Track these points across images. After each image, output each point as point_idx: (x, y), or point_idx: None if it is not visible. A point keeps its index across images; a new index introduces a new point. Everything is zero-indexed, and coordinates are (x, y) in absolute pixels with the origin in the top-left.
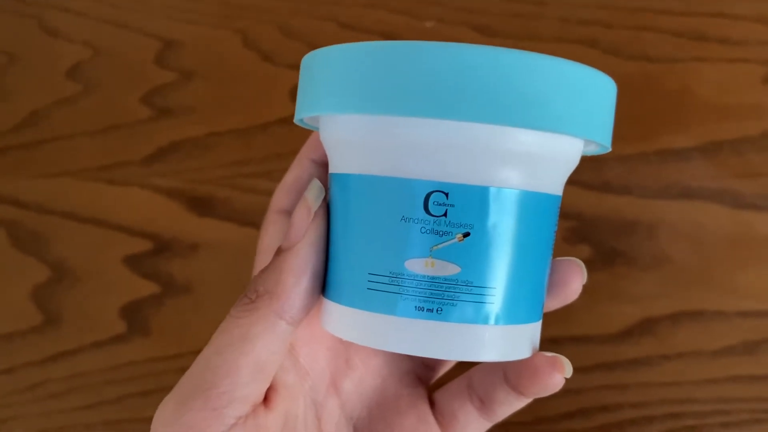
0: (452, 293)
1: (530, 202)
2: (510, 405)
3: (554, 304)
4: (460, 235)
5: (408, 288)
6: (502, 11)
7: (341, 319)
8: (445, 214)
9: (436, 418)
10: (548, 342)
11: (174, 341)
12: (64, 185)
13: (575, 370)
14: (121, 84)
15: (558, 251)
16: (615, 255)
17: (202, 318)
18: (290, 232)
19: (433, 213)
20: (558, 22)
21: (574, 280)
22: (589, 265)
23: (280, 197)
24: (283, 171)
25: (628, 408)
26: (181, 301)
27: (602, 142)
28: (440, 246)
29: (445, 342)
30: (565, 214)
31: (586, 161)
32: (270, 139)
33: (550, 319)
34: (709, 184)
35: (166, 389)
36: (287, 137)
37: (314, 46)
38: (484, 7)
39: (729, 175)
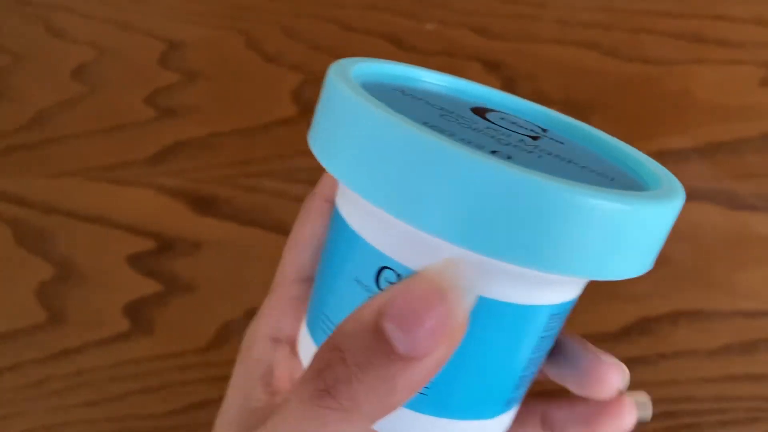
0: None
1: (493, 311)
2: None
3: (585, 394)
4: None
5: None
6: (503, 13)
7: (302, 344)
8: None
9: None
10: None
11: (177, 339)
12: (69, 185)
13: None
14: (126, 85)
15: None
16: None
17: (204, 316)
18: (419, 337)
19: (381, 288)
20: (558, 24)
21: (610, 383)
22: None
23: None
24: (286, 171)
25: None
26: (184, 300)
27: (632, 276)
28: None
29: None
30: None
31: None
32: (272, 139)
33: None
34: (707, 185)
35: (169, 386)
36: (289, 137)
37: (317, 47)
38: (484, 9)
39: (727, 176)
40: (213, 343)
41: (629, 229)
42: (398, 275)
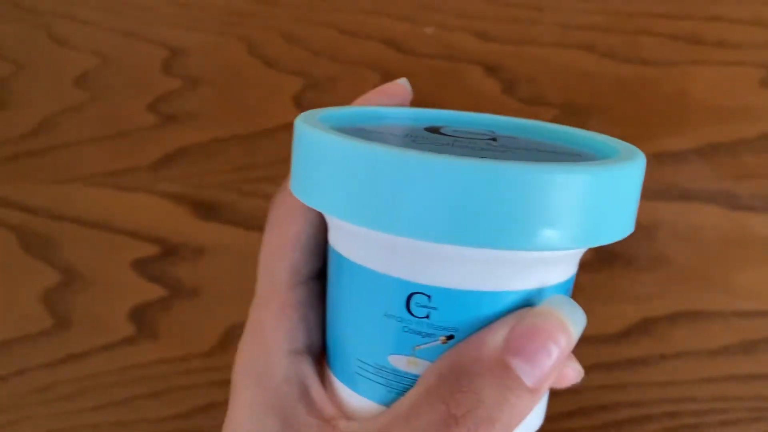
0: None
1: (522, 299)
2: None
3: None
4: (443, 337)
5: (392, 382)
6: (501, 17)
7: (337, 391)
8: (427, 317)
9: None
10: None
11: (181, 344)
12: (73, 191)
13: None
14: (128, 91)
15: None
16: (614, 256)
17: (208, 321)
18: (545, 369)
19: (415, 314)
20: (556, 27)
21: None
22: (588, 266)
23: None
24: (288, 176)
25: (627, 407)
26: (188, 305)
27: (618, 239)
28: (423, 347)
29: None
30: None
31: None
32: (274, 144)
33: None
34: (707, 186)
35: (174, 391)
36: (291, 142)
37: (317, 52)
38: (483, 12)
39: (726, 177)
40: (217, 347)
41: (605, 194)
42: (428, 296)
